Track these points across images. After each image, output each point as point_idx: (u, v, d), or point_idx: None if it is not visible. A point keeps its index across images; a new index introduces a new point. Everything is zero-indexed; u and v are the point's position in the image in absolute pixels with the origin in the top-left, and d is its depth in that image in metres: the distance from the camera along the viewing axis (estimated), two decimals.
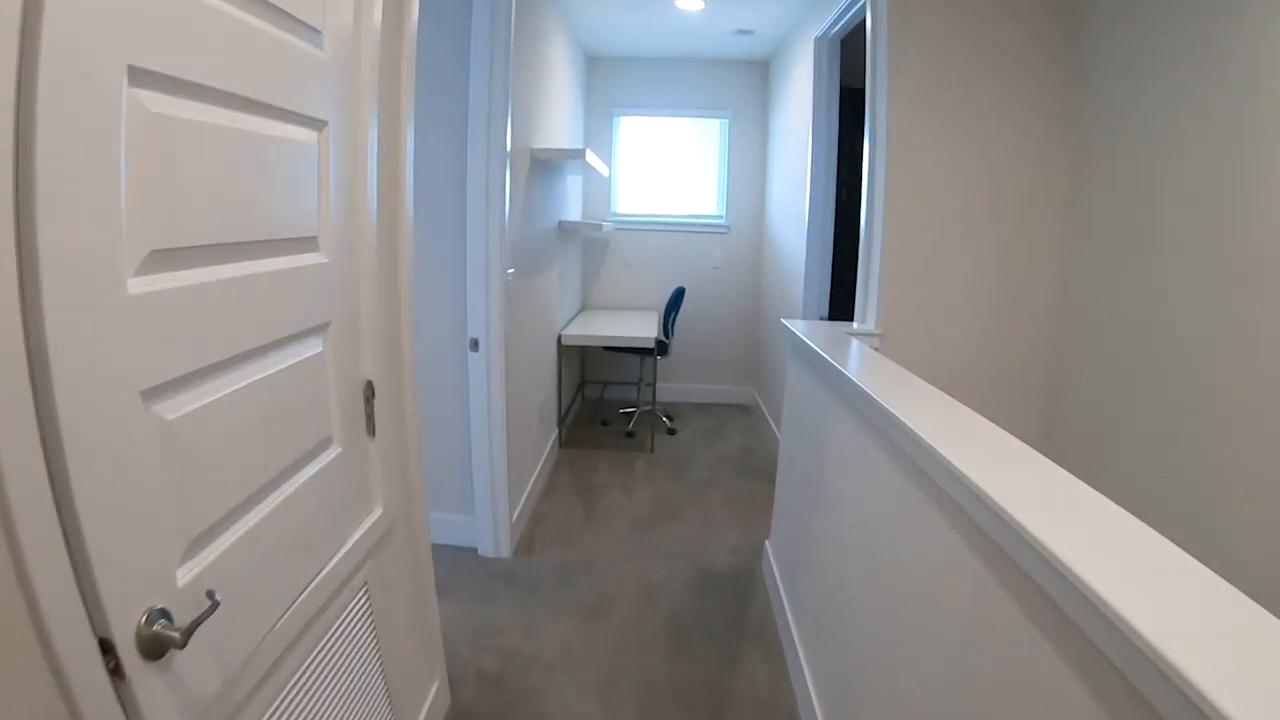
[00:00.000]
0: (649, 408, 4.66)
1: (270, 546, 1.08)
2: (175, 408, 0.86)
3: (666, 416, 4.81)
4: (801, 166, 3.87)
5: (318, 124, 1.17)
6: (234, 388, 0.97)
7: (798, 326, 2.39)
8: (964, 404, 1.41)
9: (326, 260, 1.22)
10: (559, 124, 3.83)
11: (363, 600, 1.46)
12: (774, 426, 4.37)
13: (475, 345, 2.58)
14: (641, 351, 4.18)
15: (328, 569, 1.28)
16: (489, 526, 2.78)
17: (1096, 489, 0.94)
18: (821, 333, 2.34)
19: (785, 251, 4.24)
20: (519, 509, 2.98)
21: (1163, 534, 0.80)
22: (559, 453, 4.05)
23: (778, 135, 4.67)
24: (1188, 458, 1.92)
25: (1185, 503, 1.91)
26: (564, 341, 3.99)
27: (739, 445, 4.35)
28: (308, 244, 1.17)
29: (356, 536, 1.40)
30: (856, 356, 2.03)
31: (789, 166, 4.26)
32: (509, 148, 2.47)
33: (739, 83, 5.00)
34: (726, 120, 5.07)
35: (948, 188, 2.45)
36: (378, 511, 1.50)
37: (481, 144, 2.41)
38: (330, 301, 1.25)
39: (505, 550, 2.81)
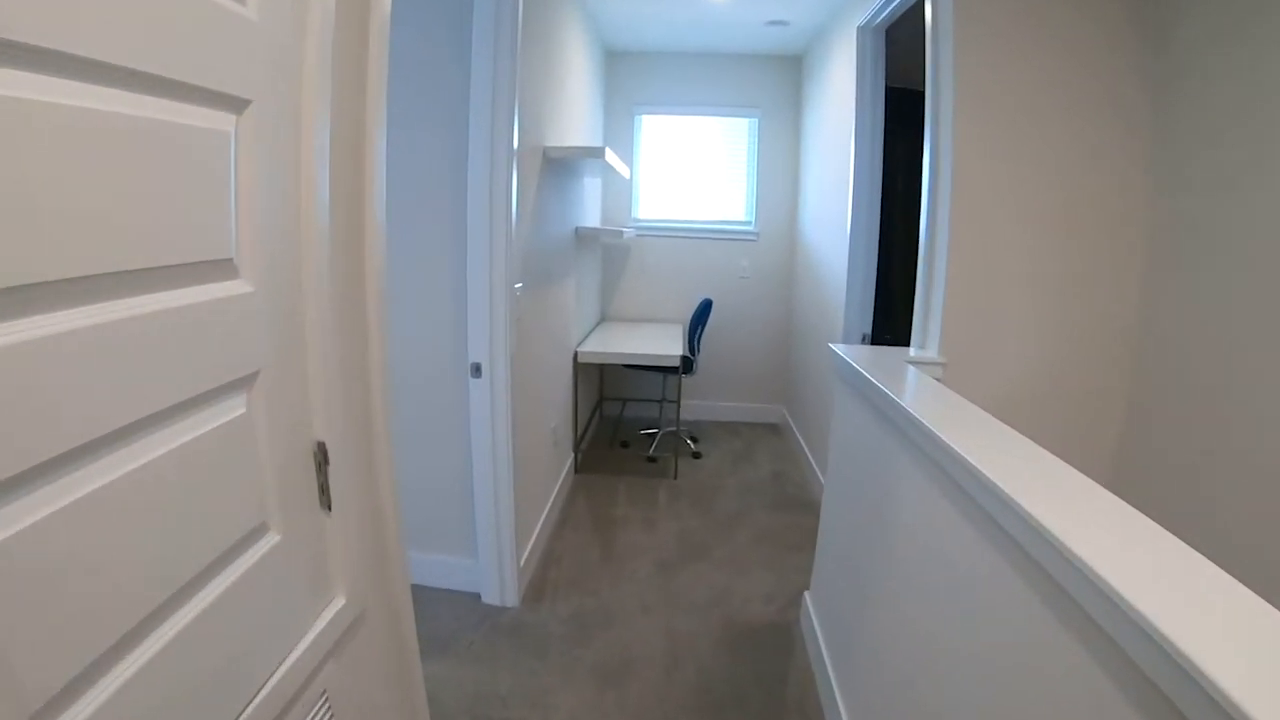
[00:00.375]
0: (672, 429, 4.32)
1: (174, 687, 0.78)
2: None
3: (691, 438, 4.47)
4: (839, 170, 3.54)
5: (235, 104, 0.87)
6: (94, 486, 0.66)
7: (849, 352, 2.06)
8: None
9: (251, 289, 0.91)
10: (575, 122, 3.52)
11: (322, 713, 1.15)
12: (806, 449, 4.04)
13: (477, 371, 2.27)
14: (665, 370, 3.85)
15: (268, 688, 0.97)
16: (494, 572, 2.47)
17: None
18: (877, 361, 2.00)
19: (822, 262, 3.90)
20: (528, 550, 2.67)
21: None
22: (574, 479, 3.73)
23: (811, 136, 4.33)
24: None
25: None
26: (580, 359, 3.67)
27: (769, 471, 4.00)
28: (218, 269, 0.86)
29: (310, 638, 1.09)
30: (923, 393, 1.70)
31: (825, 170, 3.93)
32: (515, 145, 2.16)
33: (770, 79, 4.67)
34: (756, 119, 4.74)
35: (1020, 201, 2.11)
36: (339, 602, 1.19)
37: (484, 141, 2.10)
38: (259, 343, 0.94)
39: (512, 598, 2.49)
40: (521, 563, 2.54)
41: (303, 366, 1.04)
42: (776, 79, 4.66)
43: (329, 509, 1.13)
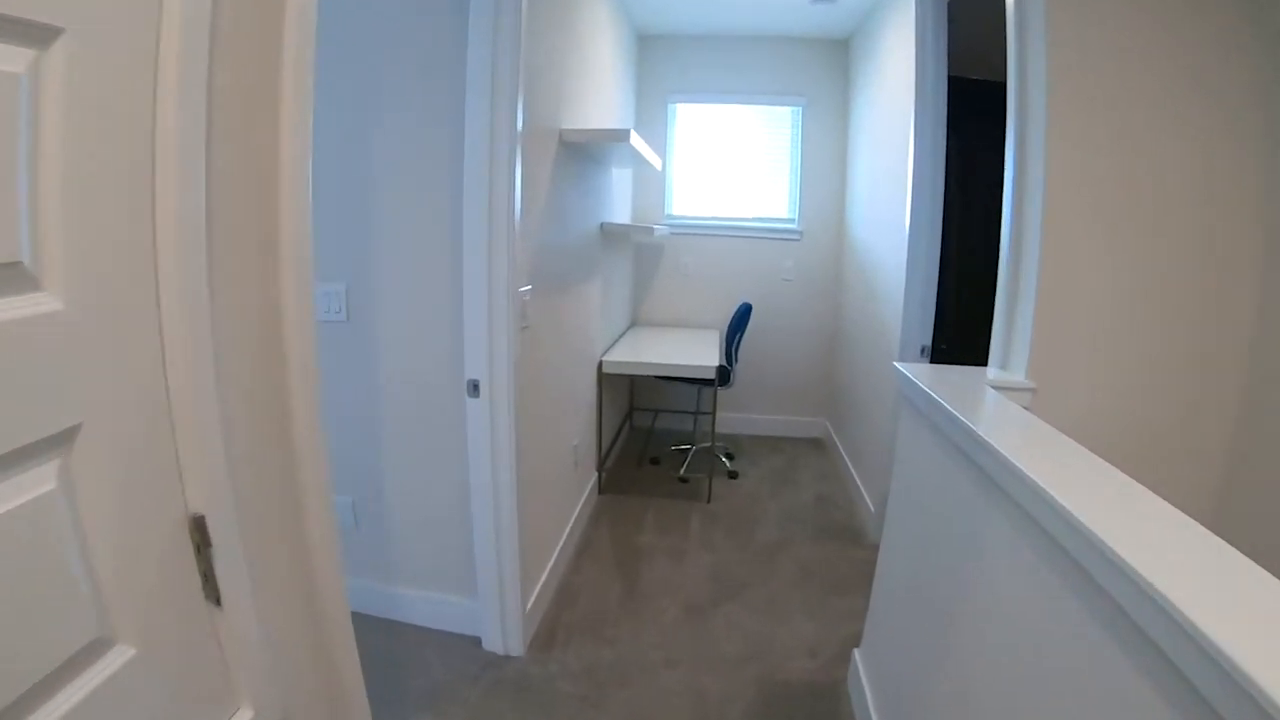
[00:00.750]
0: (706, 444, 3.99)
1: None
2: None
3: (727, 455, 4.12)
4: (892, 164, 3.17)
5: (33, 33, 0.58)
6: None
7: (918, 374, 1.71)
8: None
9: (60, 306, 0.62)
10: (601, 108, 3.21)
11: None
12: (852, 468, 3.67)
13: (475, 389, 1.97)
14: (700, 381, 3.52)
15: None
16: (495, 616, 2.17)
17: None
18: (951, 384, 1.65)
19: (873, 265, 3.52)
20: (539, 587, 2.37)
21: None
22: (598, 500, 3.42)
23: (861, 126, 3.95)
24: None
25: None
26: (605, 369, 3.36)
27: (813, 494, 3.63)
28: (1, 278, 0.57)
29: None
30: (1016, 429, 1.35)
31: (876, 163, 3.55)
32: (520, 126, 1.85)
33: (814, 64, 4.29)
34: (799, 108, 4.37)
35: (1125, 203, 1.75)
36: (245, 715, 0.89)
37: (483, 118, 1.80)
38: (78, 386, 0.65)
39: (517, 645, 2.19)
40: (529, 605, 2.24)
41: (164, 416, 0.74)
42: (822, 64, 4.29)
43: (218, 602, 0.83)
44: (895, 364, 1.80)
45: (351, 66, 1.97)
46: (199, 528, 0.79)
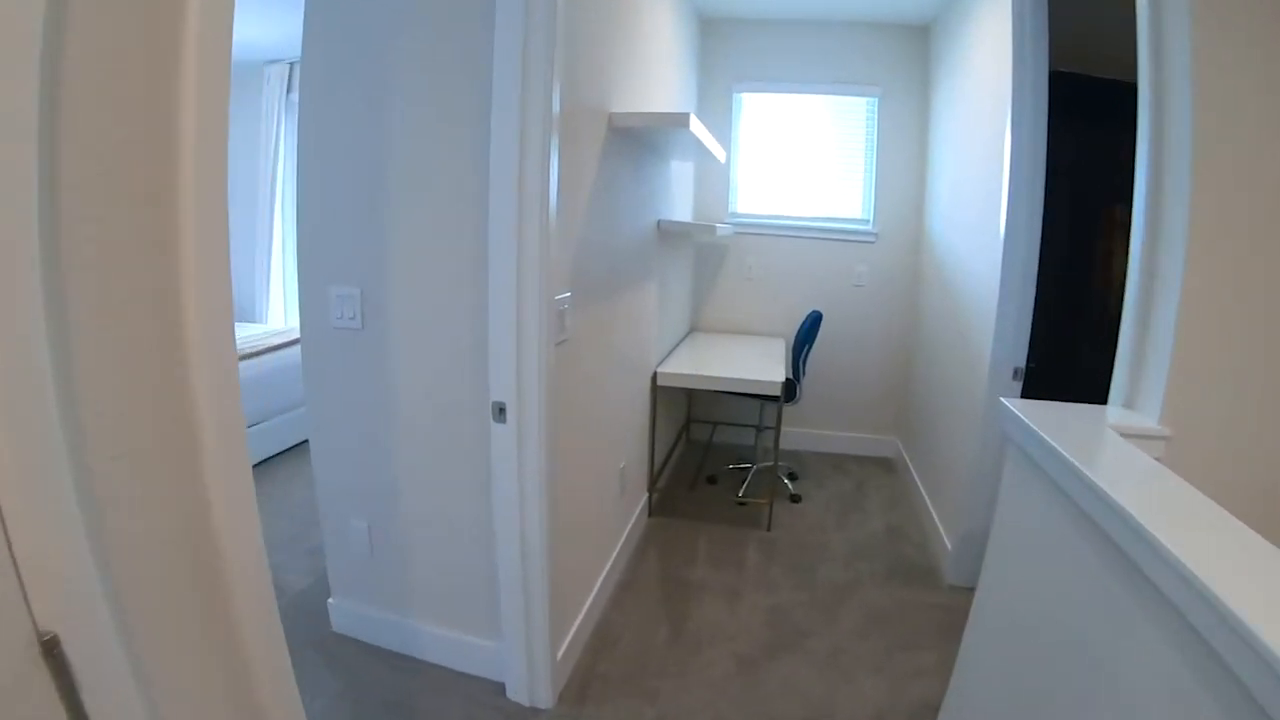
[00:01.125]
0: (769, 463, 3.68)
1: None
2: None
3: (789, 476, 3.81)
4: (980, 163, 2.82)
5: None
6: None
7: (1028, 413, 1.40)
8: None
9: None
10: (659, 94, 2.95)
11: None
12: (925, 495, 3.32)
13: (501, 413, 1.74)
14: (764, 398, 3.23)
15: None
16: (521, 662, 1.94)
17: None
18: (1069, 429, 1.34)
19: (956, 271, 3.16)
20: (573, 630, 2.13)
21: None
22: (647, 523, 3.17)
23: (942, 120, 3.58)
24: None
25: None
26: (660, 381, 3.10)
27: (883, 524, 3.29)
28: None
29: None
30: (1163, 497, 1.06)
31: (961, 161, 3.18)
32: (558, 107, 1.61)
33: (891, 52, 3.93)
34: (875, 99, 4.01)
35: None
36: None
37: (512, 100, 1.55)
38: None
39: (545, 696, 1.96)
40: (560, 652, 2.00)
41: None
42: (899, 51, 3.92)
43: None
44: (1002, 400, 1.48)
45: (357, 44, 1.77)
46: (49, 651, 0.57)
